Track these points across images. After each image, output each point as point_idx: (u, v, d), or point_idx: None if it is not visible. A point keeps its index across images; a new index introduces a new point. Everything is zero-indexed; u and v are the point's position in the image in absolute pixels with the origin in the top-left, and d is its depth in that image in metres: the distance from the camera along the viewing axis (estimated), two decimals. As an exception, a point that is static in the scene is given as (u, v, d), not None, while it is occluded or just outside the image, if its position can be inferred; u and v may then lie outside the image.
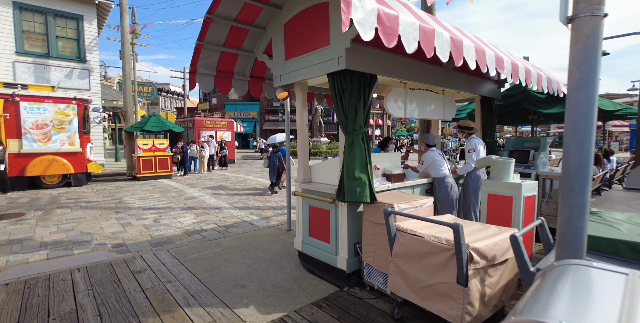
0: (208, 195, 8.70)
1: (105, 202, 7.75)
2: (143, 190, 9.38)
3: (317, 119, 23.90)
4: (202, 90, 3.86)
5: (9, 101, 9.00)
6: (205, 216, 6.61)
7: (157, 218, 6.37)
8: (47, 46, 12.76)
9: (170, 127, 12.50)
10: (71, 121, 9.98)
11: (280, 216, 6.61)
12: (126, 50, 12.87)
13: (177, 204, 7.65)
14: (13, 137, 9.13)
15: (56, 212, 6.74)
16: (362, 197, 2.82)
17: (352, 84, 2.85)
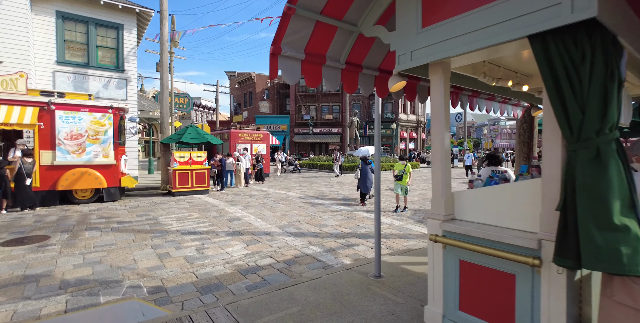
0: (253, 216, 7.53)
1: (139, 223, 6.73)
2: (180, 209, 8.36)
3: (353, 131, 22.68)
4: (286, 81, 2.60)
5: (44, 110, 8.38)
6: (257, 245, 5.38)
7: (200, 247, 5.21)
8: (87, 56, 12.44)
9: (208, 139, 11.65)
10: (106, 131, 9.26)
11: (347, 249, 5.28)
12: (164, 58, 12.31)
13: (221, 228, 6.50)
14: (46, 148, 8.46)
15: (84, 236, 5.75)
16: (633, 265, 1.44)
17: (595, 50, 1.54)
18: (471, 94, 4.18)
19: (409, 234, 6.21)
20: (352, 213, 7.98)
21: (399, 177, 8.16)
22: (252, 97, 39.60)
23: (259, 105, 38.79)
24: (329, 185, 13.85)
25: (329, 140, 36.18)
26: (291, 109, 37.65)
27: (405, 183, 8.14)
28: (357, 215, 7.85)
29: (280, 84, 40.02)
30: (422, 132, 40.09)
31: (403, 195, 8.20)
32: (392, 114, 35.42)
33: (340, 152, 21.07)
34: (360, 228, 6.62)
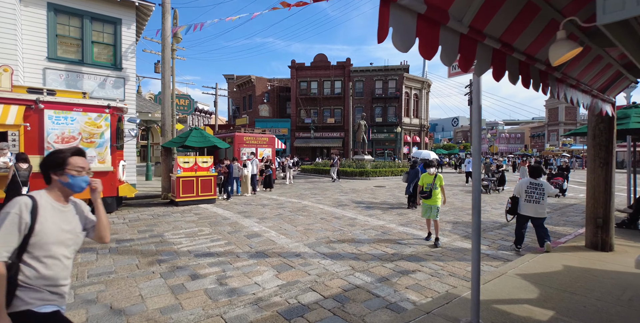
0: (274, 231, 6.51)
1: (142, 242, 5.68)
2: (187, 222, 7.31)
3: (360, 134, 21.78)
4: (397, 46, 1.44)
5: (32, 109, 7.33)
6: (290, 272, 4.38)
7: (222, 276, 4.19)
8: (82, 52, 11.40)
9: (214, 143, 10.64)
10: (102, 134, 8.21)
11: (403, 277, 4.30)
12: (166, 55, 11.32)
13: (240, 247, 5.48)
14: (33, 153, 7.38)
15: (76, 260, 4.70)
16: None
17: None
18: (559, 79, 3.25)
19: (464, 255, 5.25)
20: (385, 227, 7.00)
21: (427, 193, 5.79)
22: (252, 101, 38.65)
23: (259, 108, 37.82)
24: (342, 193, 12.86)
25: (331, 144, 35.28)
26: (292, 112, 36.73)
27: (437, 201, 5.75)
28: (391, 229, 6.88)
29: (280, 87, 39.14)
30: (426, 136, 39.39)
31: (434, 219, 5.74)
32: (395, 118, 34.68)
33: (338, 157, 20.27)
34: (403, 247, 5.65)
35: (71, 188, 1.69)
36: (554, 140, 61.26)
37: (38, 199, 1.59)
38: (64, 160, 1.66)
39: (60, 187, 1.69)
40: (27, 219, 1.51)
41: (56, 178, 1.67)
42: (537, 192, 5.12)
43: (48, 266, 1.58)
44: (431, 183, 5.83)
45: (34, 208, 1.55)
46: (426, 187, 5.90)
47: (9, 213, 1.48)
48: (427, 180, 5.94)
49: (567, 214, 8.97)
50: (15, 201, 1.52)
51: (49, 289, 1.58)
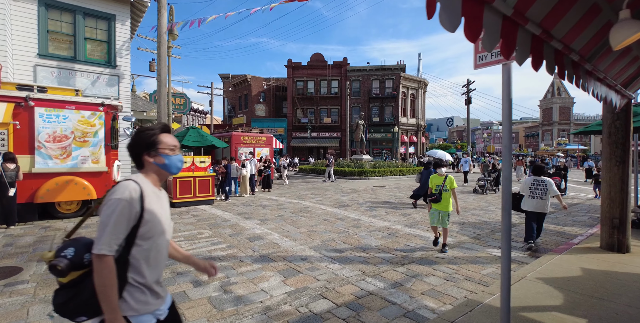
0: (276, 234, 6.26)
1: (139, 246, 5.39)
2: (186, 224, 7.03)
3: (359, 134, 21.58)
4: (444, 25, 1.29)
5: (21, 106, 7.00)
6: (298, 277, 4.14)
7: (225, 282, 3.94)
8: (74, 49, 11.04)
9: (212, 142, 10.37)
10: (96, 133, 7.90)
11: (417, 282, 4.08)
12: (162, 52, 11.01)
13: (243, 250, 5.22)
14: (23, 153, 7.06)
15: (69, 266, 4.40)
16: None
17: None
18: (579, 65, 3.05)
19: (477, 257, 5.05)
20: (391, 229, 6.79)
21: (436, 195, 5.24)
22: (248, 100, 38.29)
23: (255, 108, 37.47)
24: (343, 193, 12.64)
25: (328, 144, 35.06)
26: (288, 112, 36.44)
27: (448, 206, 5.22)
28: (397, 230, 6.67)
29: (277, 86, 38.84)
30: (422, 136, 39.35)
31: (444, 227, 5.28)
32: (392, 118, 34.57)
33: (332, 157, 20.08)
34: (412, 249, 5.44)
35: (168, 169, 1.50)
36: (547, 139, 61.72)
37: (142, 184, 1.39)
38: (156, 138, 1.46)
39: (157, 170, 1.49)
40: (137, 207, 1.32)
41: (151, 161, 1.46)
42: (541, 188, 5.41)
43: (155, 260, 1.42)
44: (441, 185, 5.27)
45: (142, 194, 1.35)
46: (435, 189, 5.32)
47: (118, 200, 1.28)
48: (436, 181, 5.37)
49: (573, 214, 8.84)
50: (124, 186, 1.32)
51: (154, 288, 1.42)
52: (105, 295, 1.23)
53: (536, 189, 5.43)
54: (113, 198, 1.29)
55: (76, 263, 1.27)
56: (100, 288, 1.23)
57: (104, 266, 1.23)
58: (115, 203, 1.28)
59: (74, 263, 1.26)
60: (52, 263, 1.25)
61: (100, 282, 1.23)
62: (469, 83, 28.98)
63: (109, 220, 1.26)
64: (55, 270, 1.25)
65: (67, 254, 1.27)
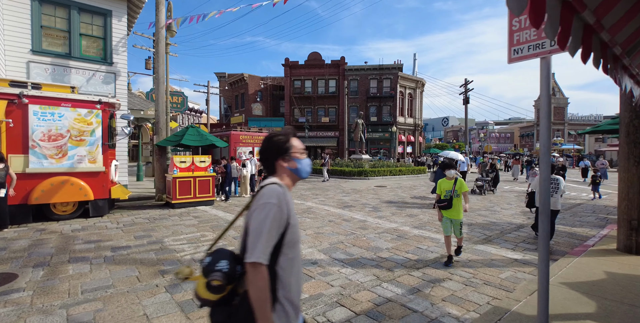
0: (282, 236, 6.05)
1: (141, 250, 5.16)
2: (187, 226, 6.79)
3: (358, 133, 21.42)
4: (512, 8, 1.16)
5: (14, 104, 6.71)
6: (311, 283, 3.95)
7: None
8: (69, 45, 10.72)
9: (212, 141, 10.11)
10: (93, 131, 7.63)
11: (435, 287, 3.91)
12: (160, 48, 10.75)
13: (249, 254, 5.01)
14: (17, 152, 6.78)
15: (67, 272, 4.17)
16: None
17: None
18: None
19: (492, 260, 4.90)
20: (399, 230, 6.62)
21: (447, 202, 4.65)
22: (245, 99, 37.95)
23: (252, 107, 37.16)
24: (344, 193, 12.46)
25: (326, 143, 34.87)
26: (286, 111, 36.18)
27: (460, 214, 4.69)
28: (406, 232, 6.50)
29: (274, 85, 38.56)
30: (420, 136, 39.33)
31: (458, 236, 4.78)
32: (390, 117, 34.48)
33: (329, 156, 19.98)
34: (424, 252, 5.27)
35: (299, 173, 1.48)
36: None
37: (285, 188, 1.34)
38: (289, 143, 1.44)
39: (290, 174, 1.46)
40: (286, 212, 1.26)
41: (285, 165, 1.43)
42: (552, 186, 5.51)
43: (298, 271, 1.34)
44: (450, 189, 4.67)
45: (287, 198, 1.30)
46: (445, 194, 4.69)
47: (271, 204, 1.22)
48: (445, 186, 4.73)
49: (579, 214, 8.76)
50: (272, 190, 1.26)
51: (298, 303, 1.32)
52: (263, 311, 1.15)
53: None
54: (264, 203, 1.22)
55: (230, 277, 1.19)
56: (257, 303, 1.15)
57: (260, 276, 1.15)
58: (268, 207, 1.21)
59: (229, 277, 1.19)
60: (211, 280, 1.16)
61: (256, 295, 1.15)
62: (467, 83, 28.95)
63: (263, 226, 1.18)
64: (215, 287, 1.17)
65: (222, 268, 1.19)
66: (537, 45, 2.44)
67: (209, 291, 1.18)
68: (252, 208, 1.26)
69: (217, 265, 1.20)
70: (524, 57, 2.54)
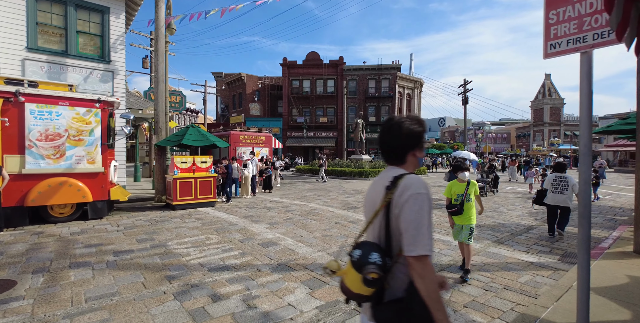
0: (290, 239, 5.89)
1: (144, 254, 4.96)
2: (190, 229, 6.60)
3: (358, 133, 21.29)
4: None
5: (10, 102, 6.48)
6: (325, 289, 3.78)
7: (247, 296, 3.56)
8: (66, 42, 10.46)
9: (213, 141, 9.90)
10: (92, 131, 7.41)
11: (456, 292, 3.77)
12: (160, 46, 10.54)
13: (258, 258, 4.84)
14: (12, 152, 6.54)
15: (69, 278, 3.97)
16: None
17: None
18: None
19: (507, 263, 4.77)
20: (408, 232, 6.47)
21: (457, 207, 4.26)
22: (242, 99, 37.69)
23: (249, 107, 36.91)
24: (347, 194, 12.31)
25: (324, 144, 34.72)
26: (284, 111, 35.98)
27: (471, 219, 4.26)
28: (415, 234, 6.34)
29: (271, 85, 38.34)
30: (418, 136, 39.31)
31: (465, 242, 4.24)
32: (388, 117, 34.39)
33: (325, 157, 19.91)
34: (437, 255, 5.13)
35: (420, 163, 1.27)
36: (539, 140, 62.54)
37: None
38: (424, 133, 1.39)
39: (416, 165, 1.41)
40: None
41: (418, 156, 1.40)
42: (562, 184, 6.07)
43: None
44: (462, 193, 4.26)
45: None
46: (456, 199, 4.30)
47: (423, 195, 1.19)
48: (456, 189, 4.33)
49: (586, 215, 8.66)
50: (417, 180, 1.23)
51: None
52: (438, 304, 1.11)
53: (558, 185, 6.14)
54: (416, 193, 1.18)
55: (384, 269, 1.16)
56: (431, 296, 1.10)
57: (429, 269, 1.13)
58: (421, 198, 1.18)
59: (383, 270, 1.15)
60: (367, 273, 1.13)
61: (429, 288, 1.11)
62: (466, 83, 28.95)
63: (421, 217, 1.15)
64: (372, 281, 1.13)
65: (376, 260, 1.15)
66: (577, 39, 2.30)
67: (366, 285, 1.14)
68: (399, 200, 1.19)
69: (369, 258, 1.16)
70: (562, 51, 2.39)
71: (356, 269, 1.15)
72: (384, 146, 1.41)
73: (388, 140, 1.38)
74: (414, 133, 1.34)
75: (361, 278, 1.14)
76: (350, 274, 1.18)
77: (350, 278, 1.18)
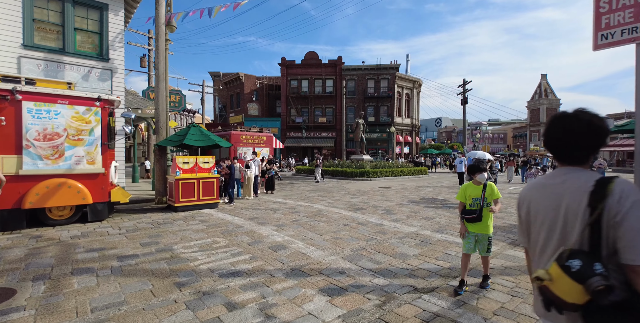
0: (300, 242, 5.69)
1: (150, 259, 4.74)
2: (195, 231, 6.37)
3: (358, 133, 21.13)
4: None
5: (7, 100, 6.21)
6: (345, 296, 3.59)
7: (264, 305, 3.35)
8: (63, 39, 10.19)
9: (216, 141, 9.67)
10: (92, 130, 7.16)
11: (482, 298, 3.59)
12: (160, 44, 10.30)
13: (269, 262, 4.63)
14: (9, 152, 6.28)
15: (72, 286, 3.73)
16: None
17: None
18: None
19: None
20: (420, 235, 6.31)
21: (475, 213, 3.71)
22: (240, 99, 37.41)
23: (248, 107, 36.63)
24: (350, 195, 12.13)
25: (323, 144, 34.54)
26: (282, 111, 35.75)
27: (489, 228, 3.78)
28: (428, 237, 6.18)
29: (269, 85, 38.09)
30: (417, 137, 39.25)
31: (483, 253, 3.83)
32: (388, 118, 34.30)
33: (322, 157, 19.85)
34: (455, 258, 4.96)
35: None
36: (536, 140, 62.86)
37: None
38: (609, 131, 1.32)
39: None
40: None
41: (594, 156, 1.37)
42: None
43: None
44: (479, 197, 3.72)
45: None
46: (472, 203, 3.74)
47: None
48: (472, 192, 3.78)
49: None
50: (631, 183, 1.19)
51: None
52: None
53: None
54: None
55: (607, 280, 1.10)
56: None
57: None
58: None
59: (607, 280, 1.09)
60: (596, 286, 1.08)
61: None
62: (465, 83, 28.91)
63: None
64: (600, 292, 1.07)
65: (601, 271, 1.10)
66: (633, 28, 2.13)
67: (593, 296, 1.10)
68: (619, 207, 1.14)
69: (595, 269, 1.11)
70: (615, 42, 2.22)
71: (577, 280, 1.11)
72: (566, 144, 1.30)
73: (576, 138, 1.27)
74: (605, 131, 1.26)
75: (582, 289, 1.11)
76: (564, 284, 1.14)
77: (563, 288, 1.15)
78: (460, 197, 3.93)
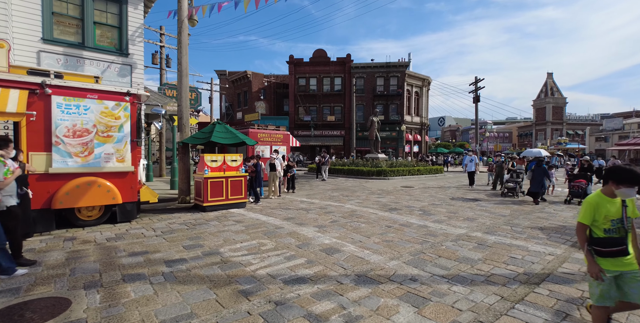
0: (350, 244, 5.35)
1: (201, 264, 4.40)
2: (235, 232, 6.04)
3: (373, 132, 20.76)
4: None
5: (36, 94, 5.87)
6: (431, 306, 3.25)
7: (348, 317, 3.02)
8: (82, 34, 9.86)
9: (242, 139, 9.32)
10: (121, 127, 6.82)
11: (582, 308, 3.23)
12: (183, 38, 9.94)
13: (329, 267, 4.29)
14: (38, 150, 5.94)
15: (129, 295, 3.40)
16: None
17: None
18: None
19: (610, 272, 4.25)
20: (473, 237, 5.97)
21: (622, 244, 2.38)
22: (248, 97, 37.06)
23: (255, 105, 36.28)
24: (374, 194, 11.78)
25: (331, 143, 34.19)
26: (290, 109, 35.39)
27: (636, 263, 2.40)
28: (483, 239, 5.84)
29: (277, 83, 37.73)
30: (426, 135, 38.87)
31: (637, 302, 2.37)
32: (397, 116, 33.93)
33: (329, 156, 19.68)
34: (524, 262, 4.61)
35: None
36: (542, 139, 62.39)
37: None
38: None
39: None
40: None
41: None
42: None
43: None
44: (620, 218, 2.38)
45: None
46: (610, 228, 2.40)
47: None
48: (608, 210, 2.40)
49: None
50: None
51: None
52: None
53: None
54: None
55: None
56: None
57: None
58: None
59: None
60: None
61: None
62: (477, 81, 28.51)
63: None
64: None
65: None
66: None
67: None
68: None
69: None
70: None
71: None
72: None
73: None
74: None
75: None
76: None
77: None
78: (585, 218, 2.45)
